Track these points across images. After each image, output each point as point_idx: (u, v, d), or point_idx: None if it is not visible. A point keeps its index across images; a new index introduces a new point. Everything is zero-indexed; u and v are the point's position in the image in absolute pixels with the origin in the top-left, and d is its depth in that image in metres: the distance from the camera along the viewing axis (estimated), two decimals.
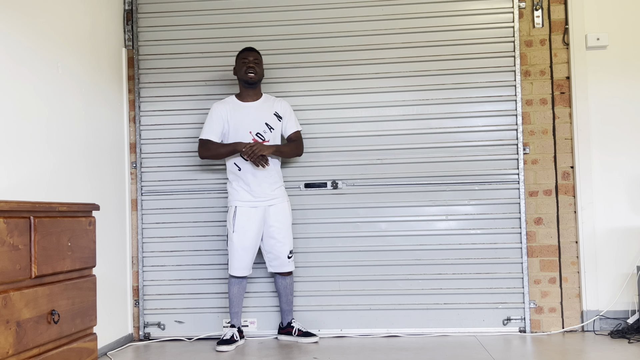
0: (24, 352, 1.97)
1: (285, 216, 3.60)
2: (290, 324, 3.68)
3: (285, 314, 3.69)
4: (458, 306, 3.79)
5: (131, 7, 4.00)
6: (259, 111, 3.59)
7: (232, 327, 3.61)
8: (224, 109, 3.60)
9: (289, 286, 3.65)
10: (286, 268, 3.61)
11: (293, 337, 3.65)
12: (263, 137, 3.56)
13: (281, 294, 3.66)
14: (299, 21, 3.94)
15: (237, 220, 3.54)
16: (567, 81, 3.83)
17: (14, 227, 1.93)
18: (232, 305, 3.62)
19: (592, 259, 3.73)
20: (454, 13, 3.87)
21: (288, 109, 3.67)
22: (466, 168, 3.83)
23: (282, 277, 3.64)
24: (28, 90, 2.84)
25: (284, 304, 3.67)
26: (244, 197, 3.55)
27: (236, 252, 3.55)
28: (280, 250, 3.58)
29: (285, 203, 3.62)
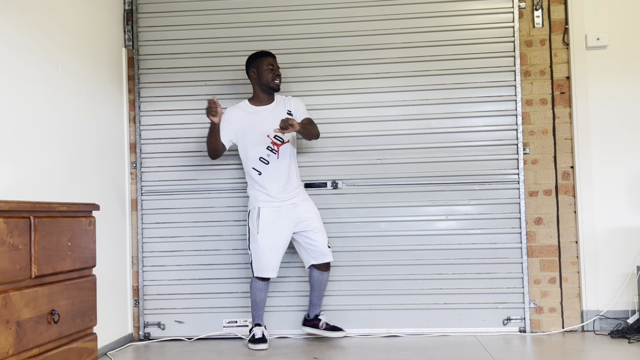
0: (24, 352, 1.97)
1: (314, 209, 3.56)
2: (317, 316, 3.61)
3: (314, 306, 3.62)
4: (458, 306, 3.79)
5: (131, 7, 4.00)
6: (274, 114, 3.55)
7: (259, 325, 3.57)
8: (238, 115, 3.55)
9: (324, 282, 3.57)
10: (327, 258, 3.52)
11: (320, 330, 3.59)
12: (281, 138, 3.52)
13: (315, 287, 3.58)
14: (299, 21, 3.94)
15: (262, 220, 3.49)
16: (567, 81, 3.83)
17: (14, 227, 1.93)
18: (258, 308, 3.58)
19: (592, 259, 3.73)
20: (454, 13, 3.87)
21: (297, 103, 3.63)
22: (466, 168, 3.83)
23: (321, 272, 3.55)
24: (28, 90, 2.84)
25: (315, 298, 3.60)
26: (267, 199, 3.50)
27: (263, 253, 3.48)
28: (319, 240, 3.51)
29: (309, 200, 3.59)
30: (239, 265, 3.90)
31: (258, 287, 3.54)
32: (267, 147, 3.50)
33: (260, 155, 3.50)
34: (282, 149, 3.52)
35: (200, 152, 3.96)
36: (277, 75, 3.55)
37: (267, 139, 3.51)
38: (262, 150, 3.50)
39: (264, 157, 3.50)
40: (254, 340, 3.51)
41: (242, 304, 3.88)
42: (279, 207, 3.51)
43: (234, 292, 3.89)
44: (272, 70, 3.54)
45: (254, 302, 3.57)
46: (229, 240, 3.92)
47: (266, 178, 3.50)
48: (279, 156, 3.50)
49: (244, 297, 3.88)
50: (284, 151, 3.52)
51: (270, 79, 3.54)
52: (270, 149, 3.50)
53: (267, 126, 3.51)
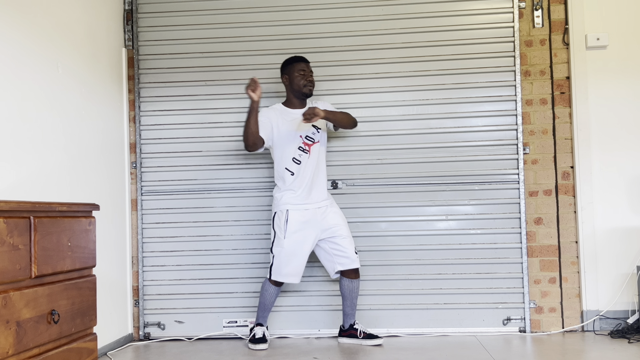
0: (24, 352, 1.97)
1: (340, 215, 3.55)
2: (353, 326, 3.58)
3: (348, 316, 3.59)
4: (458, 306, 3.79)
5: (131, 7, 4.00)
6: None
7: (260, 325, 3.56)
8: (273, 115, 3.54)
9: (355, 290, 3.54)
10: (354, 264, 3.50)
11: (358, 339, 3.55)
12: (313, 139, 3.52)
13: (346, 297, 3.55)
14: (299, 21, 3.94)
15: (290, 225, 3.45)
16: (567, 81, 3.83)
17: (14, 227, 1.93)
18: (264, 310, 3.57)
19: (592, 259, 3.73)
20: (454, 13, 3.87)
21: (325, 103, 3.62)
22: (466, 168, 3.83)
23: (350, 280, 3.51)
24: (28, 90, 2.84)
25: (348, 307, 3.57)
26: (296, 201, 3.47)
27: (287, 258, 3.45)
28: (347, 246, 3.49)
29: (334, 205, 3.58)
30: (239, 265, 3.90)
31: (270, 291, 3.53)
32: (299, 147, 3.49)
33: (293, 155, 3.49)
34: (314, 149, 3.51)
35: (200, 152, 3.96)
36: (309, 82, 3.53)
37: (299, 139, 3.50)
38: (294, 150, 3.49)
39: (296, 157, 3.49)
40: (254, 340, 3.51)
41: (242, 304, 3.88)
42: (307, 210, 3.48)
43: (234, 292, 3.89)
44: (303, 76, 3.53)
45: (262, 304, 3.56)
46: (229, 240, 3.92)
47: (298, 178, 3.48)
48: (310, 156, 3.50)
49: (244, 297, 3.88)
50: (315, 151, 3.51)
51: (302, 85, 3.52)
52: (302, 149, 3.50)
53: (300, 127, 3.51)
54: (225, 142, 3.95)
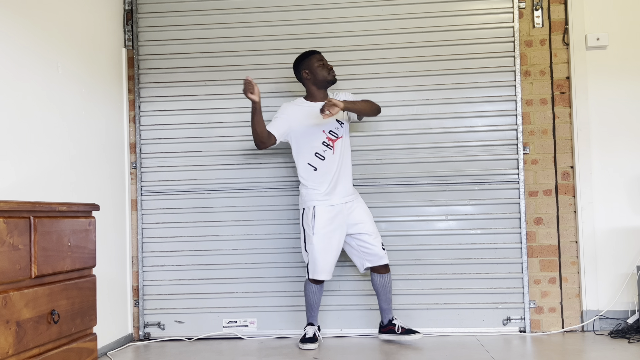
0: (24, 352, 1.97)
1: (366, 210, 3.53)
2: (391, 321, 3.56)
3: (385, 312, 3.57)
4: (458, 306, 3.79)
5: (131, 7, 4.00)
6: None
7: (312, 325, 3.55)
8: (295, 110, 3.51)
9: (387, 284, 3.53)
10: (383, 260, 3.49)
11: (396, 335, 3.52)
12: (336, 134, 3.49)
13: (380, 292, 3.54)
14: (299, 21, 3.94)
15: (317, 221, 3.44)
16: (567, 81, 3.83)
17: (14, 227, 1.93)
18: (312, 310, 3.55)
19: (592, 259, 3.73)
20: (454, 13, 3.87)
21: (346, 94, 3.59)
22: (466, 168, 3.83)
23: (381, 275, 3.52)
24: (28, 90, 2.84)
25: (383, 303, 3.55)
26: (321, 197, 3.46)
27: (319, 254, 3.44)
28: (374, 244, 3.48)
29: (360, 199, 3.56)
30: (239, 265, 3.90)
31: (312, 290, 3.52)
32: (323, 142, 3.47)
33: (316, 150, 3.47)
34: (337, 144, 3.49)
35: (200, 152, 3.96)
36: (330, 69, 3.52)
37: (323, 134, 3.48)
38: (317, 146, 3.47)
39: (320, 152, 3.47)
40: (304, 339, 3.50)
41: (242, 304, 3.88)
42: (334, 207, 3.47)
43: (234, 292, 3.89)
44: (324, 65, 3.52)
45: (308, 304, 3.55)
46: (229, 240, 3.92)
47: (321, 174, 3.46)
48: (334, 151, 3.48)
49: (244, 297, 3.88)
50: (339, 147, 3.49)
51: (326, 74, 3.51)
52: (326, 144, 3.48)
53: (323, 121, 3.47)
54: (225, 142, 3.95)
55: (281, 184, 3.90)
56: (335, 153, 3.48)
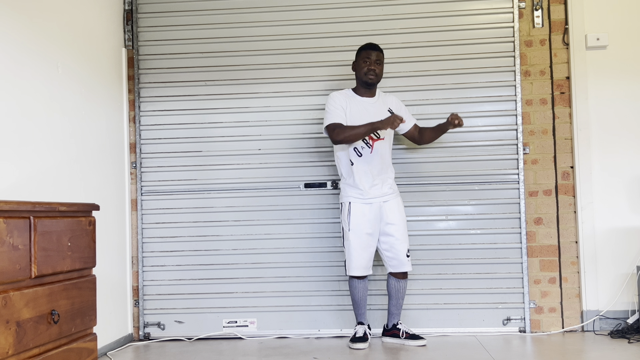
0: (24, 352, 1.97)
1: (400, 212, 3.50)
2: (396, 325, 3.57)
3: (392, 316, 3.58)
4: (458, 306, 3.79)
5: (131, 7, 4.00)
6: (375, 107, 3.49)
7: (361, 324, 3.54)
8: (345, 100, 3.48)
9: (402, 290, 3.53)
10: (404, 267, 3.48)
11: (400, 339, 3.53)
12: (378, 134, 3.47)
13: (392, 296, 3.54)
14: (299, 21, 3.94)
15: (352, 217, 3.44)
16: (567, 81, 3.83)
17: (14, 227, 1.93)
18: (359, 307, 3.54)
19: (592, 259, 3.73)
20: (454, 13, 3.87)
21: (399, 103, 3.58)
22: (466, 168, 3.83)
23: (397, 280, 3.50)
24: (28, 90, 2.84)
25: (393, 307, 3.56)
26: (358, 194, 3.45)
27: (354, 251, 3.43)
28: (399, 249, 3.47)
29: (398, 198, 3.53)
30: (239, 265, 3.90)
31: (354, 286, 3.51)
32: (363, 139, 3.45)
33: (355, 146, 3.45)
34: (377, 145, 3.46)
35: (200, 152, 3.96)
36: (370, 70, 3.44)
37: None
38: (358, 142, 3.45)
39: (358, 148, 3.45)
40: (354, 338, 3.49)
41: (242, 304, 3.88)
42: (370, 204, 3.45)
43: (234, 292, 3.89)
44: (366, 63, 3.45)
45: (353, 300, 3.54)
46: (229, 240, 3.91)
47: (358, 170, 3.44)
48: (372, 151, 3.45)
49: (244, 297, 3.88)
50: (379, 147, 3.46)
51: (363, 73, 3.46)
52: (366, 142, 3.46)
53: (368, 119, 3.42)
54: (225, 142, 3.95)
55: (281, 184, 3.90)
56: (374, 152, 3.45)
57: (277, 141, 3.89)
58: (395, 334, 3.56)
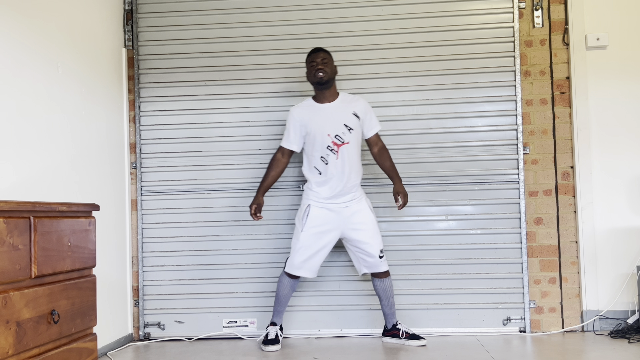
0: (24, 352, 1.97)
1: (367, 215, 3.48)
2: (395, 326, 3.57)
3: (388, 317, 3.58)
4: (458, 306, 3.79)
5: (131, 7, 4.00)
6: (337, 112, 3.47)
7: (274, 325, 3.55)
8: (302, 114, 3.48)
9: (388, 288, 3.53)
10: (380, 268, 3.49)
11: (400, 339, 3.54)
12: (342, 139, 3.44)
13: (381, 297, 3.55)
14: (299, 21, 3.94)
15: (309, 219, 3.45)
16: (567, 81, 3.83)
17: (14, 227, 1.93)
18: (279, 304, 3.55)
19: (592, 259, 3.74)
20: (454, 13, 3.87)
21: (367, 108, 3.54)
22: (466, 168, 3.83)
23: (380, 279, 3.52)
24: (28, 90, 2.84)
25: (386, 307, 3.56)
26: (319, 198, 3.46)
27: (301, 250, 3.45)
28: (370, 251, 3.46)
29: (363, 201, 3.51)
30: (239, 265, 3.90)
31: (284, 283, 3.52)
32: (327, 146, 3.44)
33: (321, 154, 3.45)
34: (343, 149, 3.45)
35: (200, 152, 3.96)
36: (318, 70, 3.42)
37: (328, 138, 3.44)
38: (322, 150, 3.44)
39: (324, 156, 3.45)
40: (266, 340, 3.49)
41: (242, 304, 3.88)
42: (331, 211, 3.46)
43: (234, 292, 3.89)
44: (313, 66, 3.45)
45: (277, 296, 3.56)
46: (229, 240, 3.92)
47: (324, 178, 3.44)
48: (338, 157, 3.44)
49: (244, 297, 3.88)
50: (344, 151, 3.44)
51: (312, 74, 3.45)
52: (330, 149, 3.45)
53: (329, 126, 3.43)
54: (225, 142, 3.95)
55: (281, 184, 3.90)
56: (339, 158, 3.43)
57: (277, 141, 3.89)
58: (395, 334, 3.56)
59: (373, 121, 3.55)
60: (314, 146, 3.46)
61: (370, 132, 3.55)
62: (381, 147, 3.58)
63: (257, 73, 3.92)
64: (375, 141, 3.57)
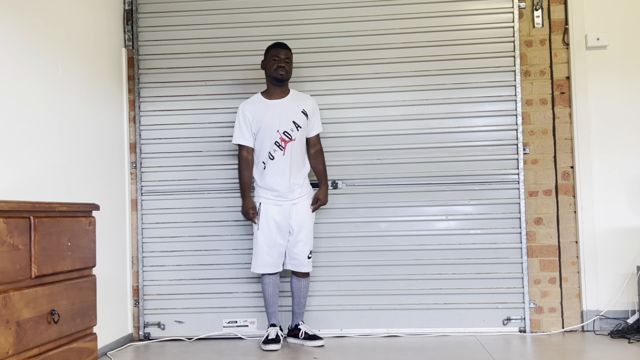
0: (24, 352, 1.97)
1: (308, 214, 3.54)
2: (297, 326, 3.62)
3: (295, 316, 3.64)
4: (458, 306, 3.79)
5: (131, 7, 4.00)
6: (286, 109, 3.51)
7: (273, 326, 3.56)
8: (252, 109, 3.51)
9: (303, 289, 3.58)
10: (304, 268, 3.54)
11: (299, 339, 3.59)
12: (290, 135, 3.48)
13: (294, 295, 3.60)
14: (299, 21, 3.94)
15: (262, 217, 3.50)
16: (567, 81, 3.83)
17: (14, 227, 1.93)
18: (268, 305, 3.57)
19: (592, 259, 3.73)
20: (454, 13, 3.87)
21: (315, 108, 3.60)
22: (466, 168, 3.83)
23: (298, 278, 3.57)
24: (28, 91, 2.84)
25: (296, 306, 3.62)
26: (269, 195, 3.50)
27: (261, 249, 3.50)
28: (301, 250, 3.51)
29: (309, 201, 3.56)
30: (239, 265, 3.90)
31: (264, 281, 3.56)
32: (275, 142, 3.47)
33: (269, 150, 3.48)
34: (289, 146, 3.48)
35: (200, 152, 3.96)
36: (280, 67, 3.47)
37: (277, 134, 3.47)
38: (270, 145, 3.48)
39: (271, 152, 3.48)
40: (266, 340, 3.50)
41: (242, 304, 3.88)
42: (280, 206, 3.50)
43: (234, 292, 3.89)
44: (276, 61, 3.48)
45: (264, 298, 3.59)
46: (229, 240, 3.92)
47: (269, 173, 3.48)
48: (284, 153, 3.47)
49: (244, 297, 3.88)
50: (291, 149, 3.48)
51: (273, 69, 3.48)
52: (278, 145, 3.48)
53: (278, 122, 3.47)
54: (225, 142, 3.95)
55: None
56: (286, 155, 3.47)
57: None
58: (296, 334, 3.61)
59: (318, 122, 3.62)
60: (263, 142, 3.49)
61: (313, 132, 3.61)
62: (318, 150, 3.65)
63: (256, 73, 3.92)
64: (314, 142, 3.64)
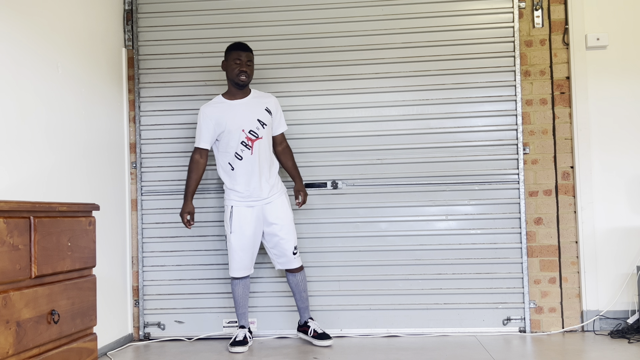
0: (24, 352, 1.97)
1: (284, 211, 3.53)
2: (306, 323, 3.61)
3: (301, 311, 3.63)
4: (458, 306, 3.79)
5: (131, 7, 4.00)
6: (249, 108, 3.50)
7: (242, 328, 3.57)
8: (213, 112, 3.48)
9: (300, 283, 3.58)
10: (293, 264, 3.54)
11: (308, 337, 3.59)
12: (256, 134, 3.46)
13: (294, 291, 3.60)
14: (299, 21, 3.94)
15: (234, 220, 3.49)
16: (567, 81, 3.83)
17: (14, 227, 1.93)
18: (238, 306, 3.58)
19: (592, 259, 3.74)
20: (454, 13, 3.87)
21: (278, 105, 3.61)
22: (466, 168, 3.83)
23: (292, 274, 3.58)
24: (28, 90, 2.84)
25: (299, 301, 3.61)
26: (239, 197, 3.49)
27: (235, 253, 3.51)
28: (285, 247, 3.52)
29: (282, 197, 3.55)
30: None
31: (234, 284, 3.57)
32: (242, 142, 3.46)
33: (236, 150, 3.46)
34: (257, 145, 3.46)
35: None
36: (242, 72, 3.45)
37: (242, 134, 3.45)
38: (237, 145, 3.45)
39: (239, 152, 3.46)
40: (234, 342, 3.50)
41: None
42: (252, 207, 3.49)
43: None
44: (237, 64, 3.46)
45: (234, 300, 3.60)
46: None
47: (239, 174, 3.47)
48: (252, 152, 3.45)
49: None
50: (258, 147, 3.46)
51: (235, 73, 3.46)
52: (245, 144, 3.46)
53: (243, 121, 3.46)
54: None
55: None
56: (254, 154, 3.46)
57: None
58: (305, 331, 3.62)
59: (282, 120, 3.64)
60: (228, 143, 3.47)
61: (279, 130, 3.63)
62: (285, 147, 3.67)
63: (256, 73, 3.92)
64: (281, 140, 3.65)
